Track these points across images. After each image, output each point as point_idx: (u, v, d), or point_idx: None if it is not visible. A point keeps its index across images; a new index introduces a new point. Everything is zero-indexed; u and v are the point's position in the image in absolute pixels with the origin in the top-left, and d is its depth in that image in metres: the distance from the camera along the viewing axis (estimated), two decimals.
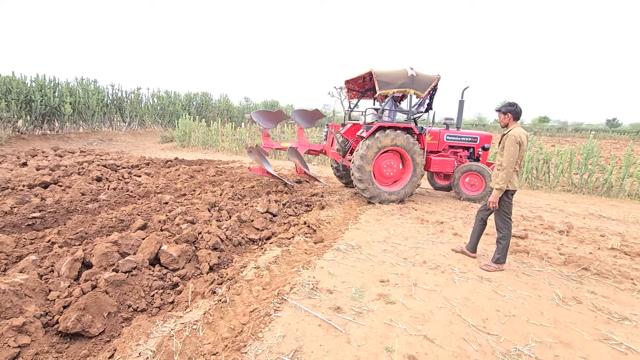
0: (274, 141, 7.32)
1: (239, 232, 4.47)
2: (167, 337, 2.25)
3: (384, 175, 6.37)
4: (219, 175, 8.10)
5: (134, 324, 2.46)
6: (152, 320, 2.50)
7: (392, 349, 2.26)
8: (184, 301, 2.85)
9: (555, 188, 8.72)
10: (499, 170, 3.50)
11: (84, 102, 15.49)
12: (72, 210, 4.98)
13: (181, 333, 2.31)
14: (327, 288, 3.03)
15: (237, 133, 13.99)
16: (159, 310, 2.85)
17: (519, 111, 3.49)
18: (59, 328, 2.49)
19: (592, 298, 3.09)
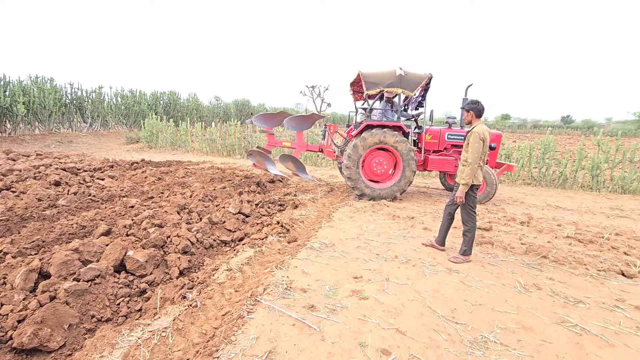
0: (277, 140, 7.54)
1: (210, 235, 4.37)
2: (134, 347, 2.16)
3: (374, 172, 6.47)
4: (189, 177, 7.86)
5: (97, 335, 2.34)
6: (117, 330, 2.39)
7: (365, 344, 2.29)
8: (152, 308, 2.75)
9: (516, 182, 9.20)
10: (464, 166, 3.64)
11: (39, 101, 14.51)
12: (28, 218, 4.65)
13: (149, 341, 2.22)
14: (301, 287, 3.03)
15: (207, 133, 13.64)
16: (126, 319, 2.72)
17: (481, 109, 3.64)
18: (13, 344, 2.32)
19: (550, 284, 3.28)
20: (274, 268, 3.36)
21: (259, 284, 3.04)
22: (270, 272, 3.29)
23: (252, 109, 30.40)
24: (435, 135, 6.82)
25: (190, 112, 23.04)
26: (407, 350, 2.26)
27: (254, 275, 3.25)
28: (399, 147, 6.21)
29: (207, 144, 13.38)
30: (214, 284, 3.03)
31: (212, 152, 13.30)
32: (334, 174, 9.78)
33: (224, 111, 27.29)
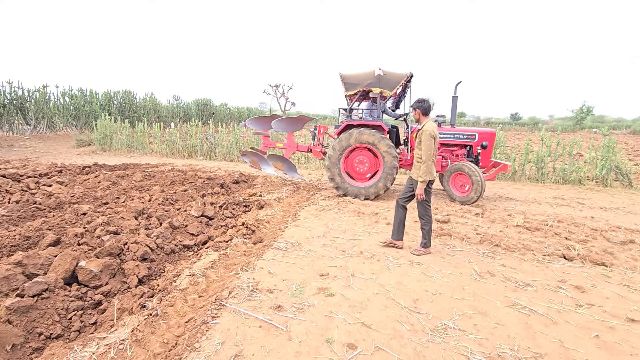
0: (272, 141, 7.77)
1: (171, 240, 4.20)
2: None
3: (357, 171, 6.50)
4: (147, 180, 7.50)
5: (46, 354, 2.17)
6: (69, 346, 2.23)
7: (332, 339, 2.33)
8: (108, 320, 2.60)
9: None
10: (419, 163, 3.79)
11: None
12: None
13: (105, 356, 2.10)
14: (268, 288, 3.01)
15: (166, 134, 13.07)
16: (79, 333, 2.55)
17: (427, 107, 3.82)
18: None
19: (502, 270, 3.52)
20: (239, 270, 3.31)
21: (224, 287, 2.98)
22: (236, 274, 3.23)
23: (214, 108, 29.56)
24: None
25: (148, 112, 21.95)
26: (373, 342, 2.32)
27: (218, 279, 3.18)
28: (379, 146, 6.23)
29: (166, 146, 12.82)
30: (175, 290, 2.92)
31: (172, 153, 12.78)
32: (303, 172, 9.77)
33: (184, 111, 26.29)
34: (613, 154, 8.39)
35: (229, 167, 10.28)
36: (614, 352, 2.28)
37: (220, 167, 10.41)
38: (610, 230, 4.97)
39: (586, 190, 8.10)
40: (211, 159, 12.28)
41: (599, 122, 45.43)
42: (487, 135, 6.57)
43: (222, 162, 11.80)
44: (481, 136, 6.58)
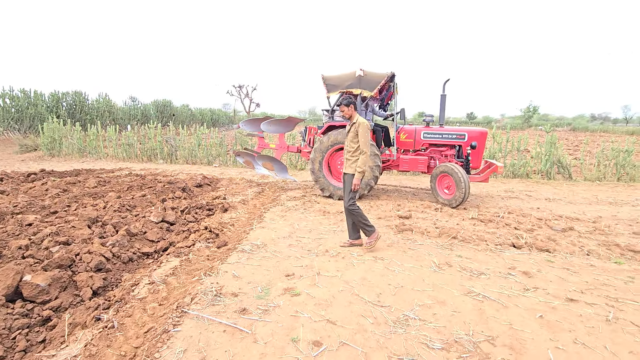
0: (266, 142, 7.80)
1: (129, 248, 4.01)
2: None
3: (340, 172, 6.47)
4: (102, 186, 7.07)
5: None
6: None
7: (297, 339, 2.34)
8: (58, 337, 2.43)
9: None
10: (358, 155, 3.90)
11: None
12: None
13: None
14: (232, 291, 2.96)
15: (123, 137, 12.39)
16: (25, 354, 2.37)
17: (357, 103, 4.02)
18: None
19: (459, 261, 3.72)
20: (203, 275, 3.23)
21: (186, 294, 2.89)
22: (199, 280, 3.15)
23: (175, 110, 28.44)
24: (410, 135, 6.65)
25: (102, 115, 20.67)
26: (337, 338, 2.36)
27: (180, 285, 3.08)
28: None
29: (123, 149, 12.15)
30: (134, 300, 2.79)
31: (129, 158, 12.14)
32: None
33: (142, 113, 25.04)
34: (555, 149, 9.14)
35: (191, 170, 9.95)
36: (555, 329, 2.50)
37: (182, 170, 10.05)
38: (553, 219, 5.42)
39: (533, 183, 8.76)
40: (172, 162, 11.81)
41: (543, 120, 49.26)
42: (476, 135, 6.40)
43: (183, 165, 11.39)
44: (470, 136, 6.40)
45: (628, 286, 3.25)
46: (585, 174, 9.32)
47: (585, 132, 33.22)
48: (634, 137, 12.73)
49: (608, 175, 9.18)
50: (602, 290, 3.15)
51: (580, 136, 25.75)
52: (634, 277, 3.44)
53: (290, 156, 11.15)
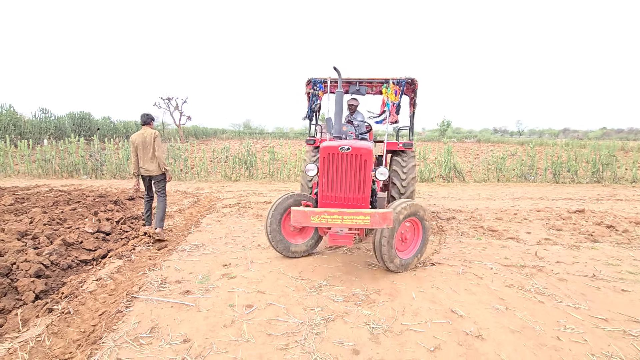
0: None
1: (66, 256, 4.19)
2: (9, 354, 2.25)
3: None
4: (21, 203, 6.75)
5: None
6: None
7: (233, 304, 2.99)
8: (13, 328, 2.72)
9: None
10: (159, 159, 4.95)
11: None
12: None
13: (25, 346, 2.34)
14: (176, 280, 3.48)
15: (37, 152, 11.48)
16: None
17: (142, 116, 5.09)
18: None
19: (365, 245, 4.69)
20: (147, 270, 3.67)
21: (134, 284, 3.33)
22: (144, 274, 3.59)
23: (95, 122, 26.39)
24: None
25: (5, 128, 18.46)
26: (266, 301, 3.06)
27: (126, 280, 3.49)
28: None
29: (38, 165, 11.26)
30: (84, 293, 3.15)
31: (46, 174, 11.28)
32: (199, 186, 9.94)
33: (56, 126, 22.82)
34: (451, 157, 11.06)
35: (120, 185, 9.75)
36: (421, 281, 3.52)
37: (110, 185, 9.78)
38: (443, 212, 6.81)
39: (435, 185, 10.48)
40: (97, 177, 11.30)
41: (456, 133, 56.10)
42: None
43: (111, 180, 11.00)
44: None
45: (480, 253, 4.51)
46: (474, 177, 11.41)
47: (488, 142, 38.81)
48: (513, 147, 15.68)
49: (491, 177, 11.37)
50: (461, 256, 4.34)
51: (483, 146, 30.09)
52: (486, 247, 4.75)
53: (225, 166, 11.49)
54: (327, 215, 3.31)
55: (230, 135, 46.61)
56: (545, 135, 61.31)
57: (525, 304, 3.07)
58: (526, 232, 5.54)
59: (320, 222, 3.31)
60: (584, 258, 4.34)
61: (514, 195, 8.94)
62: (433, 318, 2.79)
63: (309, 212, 3.32)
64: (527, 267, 3.98)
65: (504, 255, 4.39)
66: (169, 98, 30.61)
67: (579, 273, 3.84)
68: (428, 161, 11.70)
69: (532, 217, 6.53)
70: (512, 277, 3.68)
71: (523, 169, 11.49)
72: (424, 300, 3.11)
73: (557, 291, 3.37)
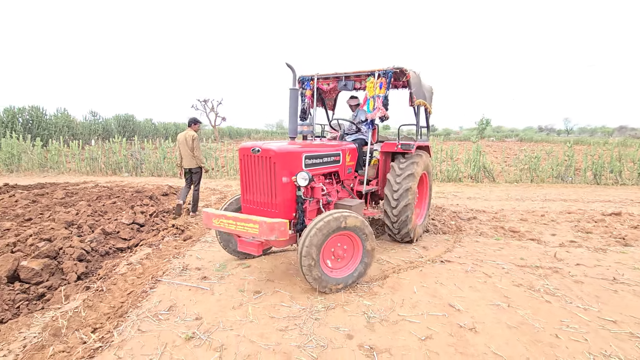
0: None
1: (105, 244, 4.68)
2: (52, 320, 2.65)
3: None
4: (70, 197, 7.53)
5: (10, 322, 2.70)
6: (29, 316, 2.79)
7: (244, 290, 3.24)
8: (58, 301, 3.15)
9: None
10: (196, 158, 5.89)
11: None
12: None
13: (65, 315, 2.73)
14: (196, 267, 3.80)
15: (86, 151, 12.63)
16: (31, 313, 3.06)
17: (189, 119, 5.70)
18: None
19: (386, 238, 4.78)
20: (171, 258, 4.03)
21: (158, 270, 3.70)
22: (168, 261, 3.95)
23: (138, 124, 28.28)
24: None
25: (60, 130, 20.36)
26: (274, 289, 3.28)
27: (153, 265, 3.86)
28: None
29: (86, 164, 12.39)
30: (116, 275, 3.55)
31: (93, 172, 12.39)
32: (228, 183, 10.44)
33: (104, 127, 24.79)
34: (481, 156, 10.74)
35: (157, 182, 10.49)
36: (426, 277, 3.57)
37: (147, 182, 10.56)
38: (465, 212, 6.70)
39: (462, 185, 10.24)
40: (137, 175, 12.22)
41: (496, 132, 53.62)
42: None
43: (149, 177, 11.85)
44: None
45: (495, 253, 4.45)
46: (506, 177, 10.99)
47: (531, 142, 36.73)
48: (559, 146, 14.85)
49: (524, 178, 10.89)
50: (474, 255, 4.31)
51: (524, 146, 28.62)
52: (503, 248, 4.67)
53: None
54: (225, 220, 3.20)
55: (263, 135, 47.87)
56: (598, 133, 56.85)
57: (530, 303, 3.05)
58: (551, 234, 5.34)
59: (219, 226, 3.22)
60: (609, 262, 4.15)
61: (546, 197, 8.55)
62: (430, 311, 2.87)
63: (211, 214, 3.31)
64: (542, 269, 3.89)
65: (520, 256, 4.30)
66: (205, 100, 32.10)
67: (598, 276, 3.70)
68: (456, 161, 11.43)
69: (560, 219, 6.25)
70: (523, 277, 3.63)
71: (559, 169, 10.90)
72: (425, 294, 3.18)
73: (569, 292, 3.29)
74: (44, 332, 2.50)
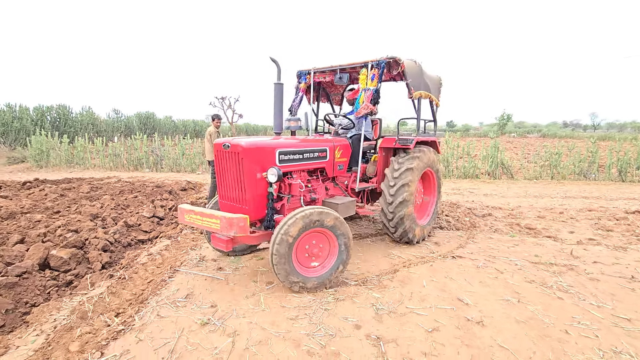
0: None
1: (127, 235, 4.92)
2: (79, 304, 2.85)
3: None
4: (95, 191, 7.90)
5: (41, 306, 2.92)
6: (58, 301, 3.00)
7: (256, 280, 3.36)
8: (84, 287, 3.36)
9: None
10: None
11: None
12: None
13: (90, 300, 2.92)
14: (212, 258, 3.96)
15: (110, 148, 13.14)
16: (60, 298, 3.28)
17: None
18: None
19: None
20: (189, 249, 4.20)
21: (177, 260, 3.87)
22: (186, 252, 4.13)
23: (158, 122, 29.06)
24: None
25: (85, 127, 21.20)
26: None
27: (172, 256, 4.04)
28: None
29: (110, 160, 12.90)
30: (137, 265, 3.75)
31: (116, 167, 12.88)
32: None
33: (126, 125, 25.61)
34: (499, 152, 10.51)
35: (176, 177, 10.82)
36: (436, 272, 3.59)
37: (167, 177, 10.91)
38: (480, 208, 6.63)
39: (479, 182, 10.07)
40: (157, 170, 12.63)
41: (518, 128, 52.02)
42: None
43: (169, 173, 12.23)
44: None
45: (509, 250, 4.40)
46: (525, 174, 10.73)
47: (554, 138, 35.49)
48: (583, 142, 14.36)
49: (544, 174, 10.61)
50: (487, 252, 4.29)
51: (546, 142, 27.71)
52: (517, 244, 4.61)
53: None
54: (193, 215, 3.17)
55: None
56: (627, 129, 54.20)
57: (541, 299, 3.03)
58: (569, 231, 5.23)
59: (189, 221, 3.21)
60: (628, 260, 4.05)
61: (567, 194, 8.32)
62: (438, 304, 2.90)
63: (183, 209, 3.29)
64: (557, 266, 3.84)
65: (534, 253, 4.24)
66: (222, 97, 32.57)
67: (615, 274, 3.62)
68: (474, 157, 11.23)
69: (580, 216, 6.10)
70: (536, 274, 3.60)
71: (582, 165, 10.55)
72: (434, 288, 3.21)
73: (583, 290, 3.24)
74: (72, 315, 2.70)
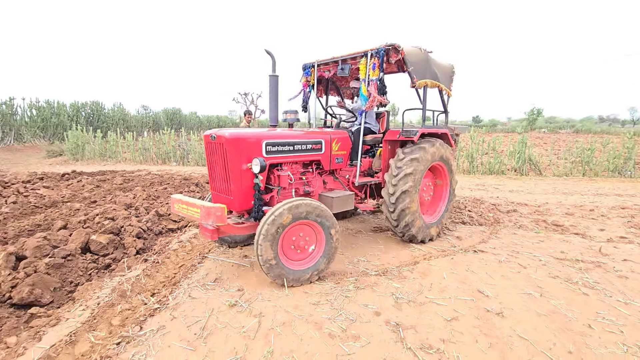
0: None
1: (158, 224, 5.20)
2: (118, 284, 3.09)
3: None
4: (127, 183, 8.34)
5: (85, 285, 3.19)
6: (100, 280, 3.26)
7: None
8: (122, 270, 3.62)
9: None
10: None
11: None
12: None
13: (128, 281, 3.16)
14: (238, 246, 4.14)
15: (140, 142, 13.75)
16: (101, 279, 3.56)
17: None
18: (13, 301, 3.05)
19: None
20: None
21: (205, 247, 4.08)
22: None
23: (184, 117, 29.97)
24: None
25: (117, 123, 22.20)
26: None
27: (200, 244, 4.26)
28: None
29: (140, 154, 13.50)
30: (169, 251, 3.99)
31: (145, 161, 13.46)
32: None
33: (154, 120, 26.61)
34: (526, 148, 10.19)
35: (202, 171, 11.20)
36: (457, 265, 3.61)
37: (193, 171, 11.31)
38: (505, 204, 6.50)
39: (505, 178, 9.82)
40: (184, 164, 13.10)
41: (549, 123, 49.74)
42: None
43: (195, 166, 12.66)
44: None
45: (533, 246, 4.33)
46: (554, 171, 10.35)
47: (588, 133, 33.74)
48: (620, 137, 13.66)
49: (574, 171, 10.20)
50: (511, 247, 4.24)
51: (578, 138, 26.47)
52: (543, 241, 4.53)
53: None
54: (181, 205, 3.18)
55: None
56: None
57: (565, 294, 3.00)
58: (599, 229, 5.07)
59: (178, 210, 3.24)
60: None
61: (599, 192, 7.99)
62: (458, 295, 2.94)
63: (174, 199, 3.32)
64: (584, 262, 3.75)
65: (560, 250, 4.16)
66: (245, 93, 33.16)
67: None
68: (500, 153, 10.94)
69: (612, 214, 5.87)
70: (561, 270, 3.54)
71: (617, 162, 10.06)
72: (454, 280, 3.24)
73: (610, 287, 3.17)
74: (113, 294, 2.94)
